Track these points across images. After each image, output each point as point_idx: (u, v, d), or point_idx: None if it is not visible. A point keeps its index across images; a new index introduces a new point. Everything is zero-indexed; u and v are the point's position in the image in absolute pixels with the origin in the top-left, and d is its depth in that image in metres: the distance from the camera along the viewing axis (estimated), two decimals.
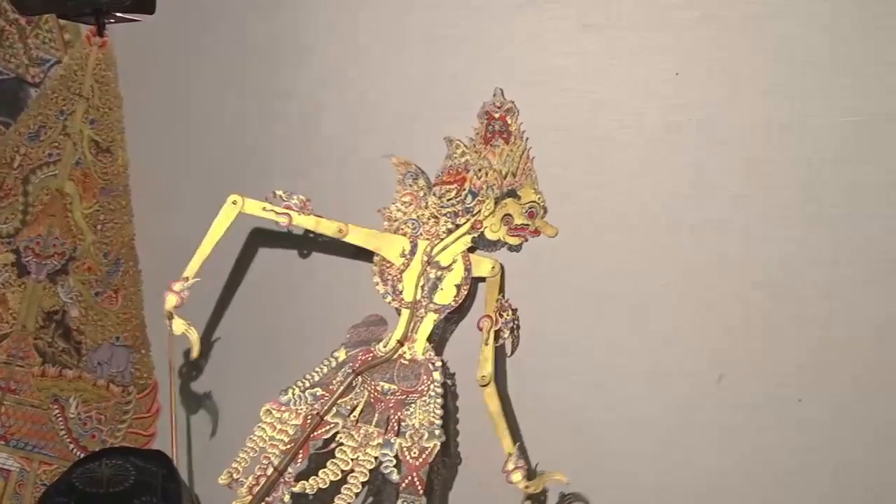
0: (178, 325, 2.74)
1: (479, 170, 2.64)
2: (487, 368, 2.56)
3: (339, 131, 2.90)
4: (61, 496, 1.71)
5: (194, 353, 2.79)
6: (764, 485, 2.41)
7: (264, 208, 2.76)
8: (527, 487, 2.49)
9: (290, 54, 2.99)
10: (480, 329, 2.59)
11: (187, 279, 2.75)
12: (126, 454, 1.82)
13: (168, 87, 3.21)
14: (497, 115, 2.61)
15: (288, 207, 2.76)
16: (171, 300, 2.73)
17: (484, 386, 2.55)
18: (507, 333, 2.60)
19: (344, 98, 2.90)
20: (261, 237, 2.98)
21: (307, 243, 2.90)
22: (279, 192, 2.76)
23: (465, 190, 2.66)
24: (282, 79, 3.00)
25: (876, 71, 2.23)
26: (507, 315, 2.61)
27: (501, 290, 2.64)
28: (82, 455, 3.15)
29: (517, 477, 2.48)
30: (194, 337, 2.76)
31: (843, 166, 2.27)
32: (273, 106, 3.02)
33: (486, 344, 2.58)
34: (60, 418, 3.27)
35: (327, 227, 2.75)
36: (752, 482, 2.42)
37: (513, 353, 2.64)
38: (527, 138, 2.58)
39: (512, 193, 2.60)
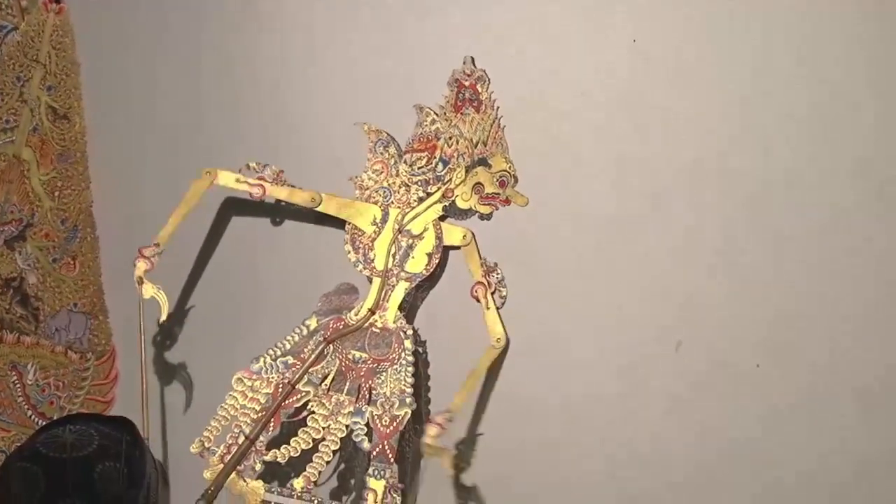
0: (148, 289, 2.79)
1: (450, 138, 2.63)
2: (499, 330, 2.58)
3: (305, 98, 2.88)
4: (24, 461, 1.69)
5: (163, 316, 2.82)
6: (721, 449, 2.45)
7: (238, 180, 2.79)
8: (428, 445, 2.47)
9: (253, 19, 2.94)
10: (476, 298, 2.61)
11: (158, 245, 2.80)
12: (90, 420, 1.81)
13: (125, 53, 3.16)
14: (467, 84, 2.60)
15: (261, 179, 2.77)
16: (141, 266, 2.79)
17: (500, 348, 2.58)
18: (504, 291, 2.62)
19: (310, 65, 2.87)
20: (233, 205, 2.95)
21: (279, 212, 2.88)
22: (252, 164, 2.78)
23: (435, 158, 2.65)
24: (244, 45, 2.96)
25: (833, 42, 2.26)
26: (497, 275, 2.62)
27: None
28: (41, 422, 3.14)
29: (431, 431, 2.46)
30: (163, 299, 2.80)
31: (798, 136, 2.31)
32: (234, 72, 2.98)
33: (488, 308, 2.60)
34: (18, 385, 3.24)
35: (300, 197, 2.76)
36: (709, 447, 2.47)
37: (503, 304, 2.64)
38: (497, 107, 2.58)
39: (483, 162, 2.60)
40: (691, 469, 2.49)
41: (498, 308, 2.60)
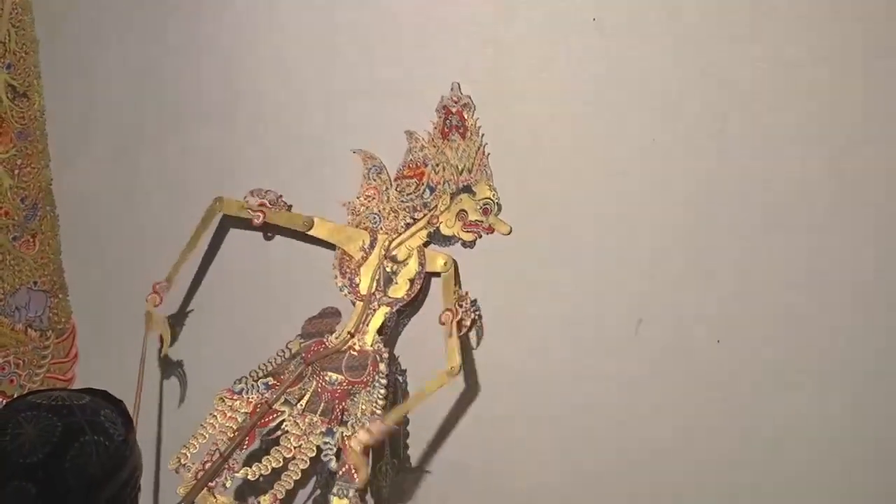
0: (157, 324, 2.95)
1: (437, 164, 2.64)
2: (455, 360, 2.53)
3: (257, 89, 2.93)
4: (29, 410, 1.67)
5: (165, 349, 2.97)
6: (681, 426, 2.40)
7: (242, 207, 2.87)
8: (352, 448, 2.52)
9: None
10: (443, 323, 2.58)
11: (168, 281, 2.95)
12: (65, 389, 1.81)
13: (85, 31, 3.22)
14: (454, 110, 2.61)
15: (262, 205, 2.85)
16: (154, 299, 2.94)
17: (453, 376, 2.53)
18: (468, 322, 2.58)
19: (259, 53, 2.93)
20: (231, 227, 3.01)
21: (271, 229, 2.92)
22: (254, 190, 2.87)
23: (423, 184, 2.66)
24: (208, 22, 3.00)
25: (787, 16, 2.21)
26: (467, 304, 2.59)
27: (457, 283, 2.63)
28: (1, 401, 3.11)
29: (362, 436, 2.51)
30: (167, 335, 2.96)
31: (754, 111, 2.26)
32: (192, 52, 3.03)
33: (451, 336, 2.56)
34: None
35: (294, 221, 2.82)
36: (669, 424, 2.41)
37: (478, 344, 2.62)
38: (482, 134, 2.58)
39: (467, 189, 2.60)
40: (651, 445, 2.44)
41: (460, 336, 2.57)
